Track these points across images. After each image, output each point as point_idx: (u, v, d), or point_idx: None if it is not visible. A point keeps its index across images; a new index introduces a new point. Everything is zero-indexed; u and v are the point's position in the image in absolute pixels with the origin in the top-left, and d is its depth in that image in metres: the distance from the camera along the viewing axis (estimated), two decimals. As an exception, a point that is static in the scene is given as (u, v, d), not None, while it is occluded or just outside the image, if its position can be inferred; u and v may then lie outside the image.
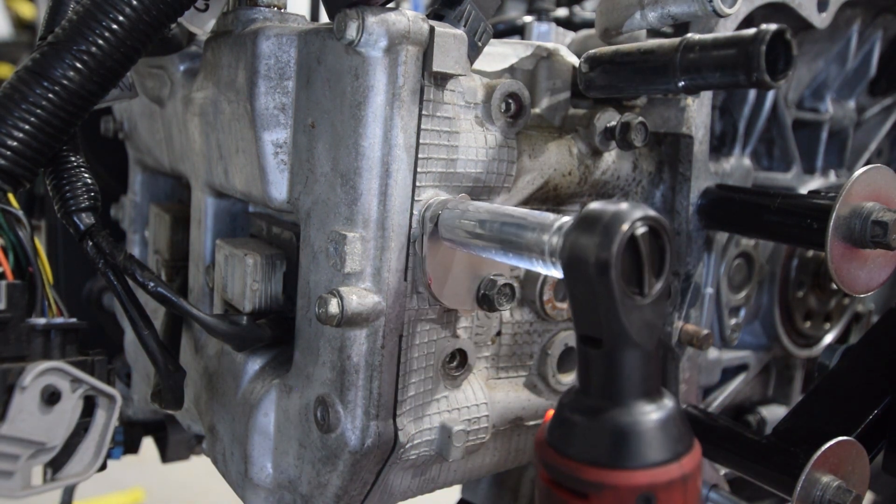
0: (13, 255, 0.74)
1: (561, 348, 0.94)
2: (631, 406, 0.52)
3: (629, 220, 0.50)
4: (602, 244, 0.50)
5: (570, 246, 0.52)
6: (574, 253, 0.52)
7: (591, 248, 0.50)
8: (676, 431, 0.53)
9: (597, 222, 0.51)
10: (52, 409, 0.72)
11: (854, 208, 0.83)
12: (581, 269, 0.51)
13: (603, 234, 0.50)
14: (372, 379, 0.77)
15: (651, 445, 0.51)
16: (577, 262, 0.51)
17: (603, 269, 0.50)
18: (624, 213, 0.50)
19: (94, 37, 0.75)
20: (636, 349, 0.52)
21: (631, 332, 0.51)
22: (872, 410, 0.89)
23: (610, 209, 0.51)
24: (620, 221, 0.50)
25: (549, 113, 0.95)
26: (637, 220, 0.50)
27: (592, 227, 0.51)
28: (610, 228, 0.50)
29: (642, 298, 0.51)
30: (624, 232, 0.50)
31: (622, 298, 0.50)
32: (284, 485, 0.87)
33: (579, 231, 0.52)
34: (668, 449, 0.52)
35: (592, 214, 0.52)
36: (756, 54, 0.72)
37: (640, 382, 0.52)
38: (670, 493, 0.51)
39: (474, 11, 0.79)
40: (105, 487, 3.02)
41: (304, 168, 0.82)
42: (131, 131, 1.26)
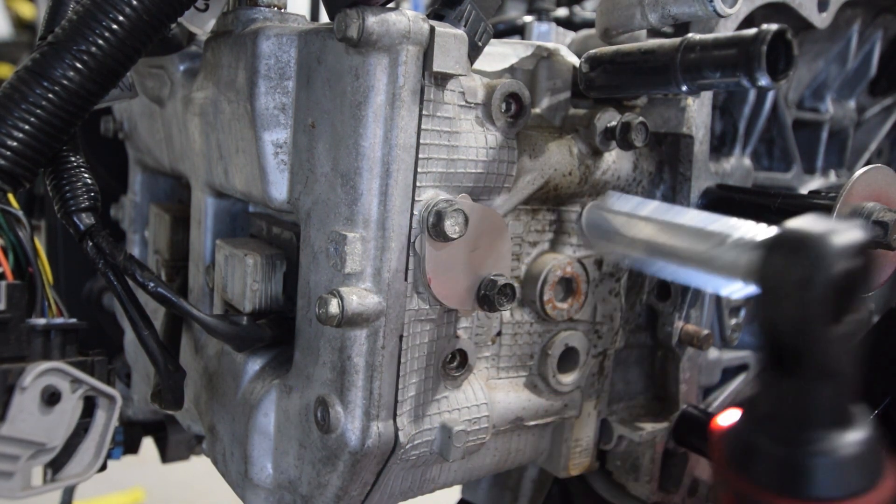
0: (13, 256, 0.74)
1: (561, 348, 0.94)
2: (825, 436, 0.49)
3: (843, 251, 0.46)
4: (811, 274, 0.46)
5: (774, 267, 0.49)
6: (779, 276, 0.48)
7: (799, 271, 0.47)
8: (873, 462, 0.50)
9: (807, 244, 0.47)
10: (52, 410, 0.72)
11: (854, 208, 0.83)
12: (786, 296, 0.48)
13: (813, 261, 0.46)
14: (372, 379, 0.77)
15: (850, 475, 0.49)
16: (782, 287, 0.48)
17: (810, 302, 0.46)
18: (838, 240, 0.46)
19: (94, 37, 0.75)
20: (834, 379, 0.49)
21: (831, 363, 0.48)
22: (872, 410, 0.89)
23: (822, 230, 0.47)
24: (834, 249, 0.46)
25: (550, 113, 0.95)
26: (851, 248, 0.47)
27: (801, 249, 0.47)
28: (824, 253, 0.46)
29: (843, 327, 0.48)
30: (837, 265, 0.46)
31: (824, 331, 0.47)
32: (284, 485, 0.87)
33: (786, 252, 0.48)
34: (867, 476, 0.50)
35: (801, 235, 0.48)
36: (757, 54, 0.72)
37: (836, 412, 0.50)
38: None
39: (474, 11, 0.79)
40: (105, 487, 3.02)
41: (305, 168, 0.81)
42: (131, 131, 1.26)
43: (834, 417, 0.50)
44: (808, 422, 0.50)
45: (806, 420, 0.50)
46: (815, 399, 0.49)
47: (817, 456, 0.49)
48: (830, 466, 0.49)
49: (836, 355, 0.48)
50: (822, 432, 0.49)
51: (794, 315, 0.47)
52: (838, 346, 0.48)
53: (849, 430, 0.50)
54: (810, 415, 0.50)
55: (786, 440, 0.50)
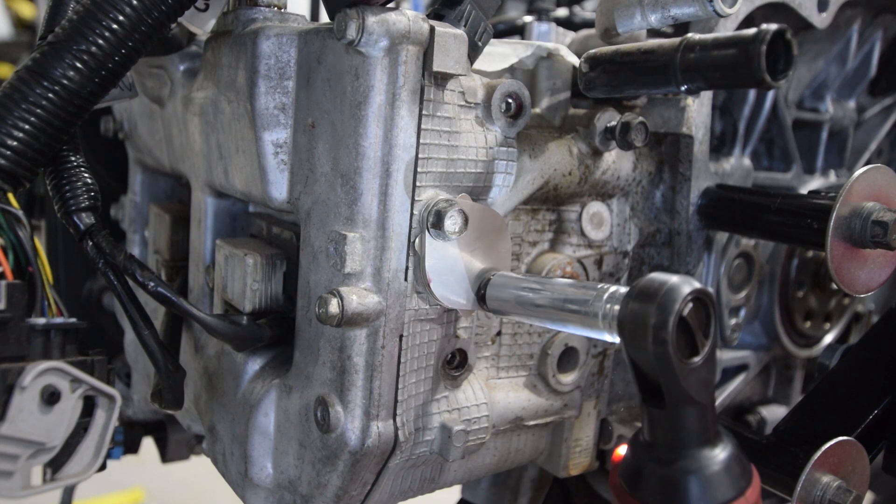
0: (13, 255, 0.74)
1: (561, 348, 0.94)
2: (696, 455, 0.58)
3: (682, 296, 0.55)
4: (660, 318, 0.55)
5: (628, 317, 0.57)
6: (633, 324, 0.57)
7: (649, 319, 0.55)
8: (738, 468, 0.59)
9: (655, 296, 0.56)
10: (51, 409, 0.72)
11: (854, 208, 0.83)
12: (641, 340, 0.56)
13: (660, 309, 0.55)
14: (372, 379, 0.77)
15: (718, 488, 0.58)
16: (636, 333, 0.56)
17: (661, 341, 0.55)
18: (679, 289, 0.55)
19: (94, 36, 0.75)
20: (696, 406, 0.57)
21: (690, 392, 0.56)
22: (872, 410, 0.89)
23: (665, 283, 0.56)
24: (676, 297, 0.55)
25: (550, 113, 0.95)
26: (689, 294, 0.55)
27: (650, 300, 0.56)
28: (667, 303, 0.55)
29: (695, 361, 0.57)
30: (678, 308, 0.55)
31: (679, 365, 0.55)
32: (284, 485, 0.87)
33: (637, 302, 0.57)
34: (733, 486, 0.58)
35: (650, 287, 0.57)
36: (756, 54, 0.72)
37: (702, 433, 0.58)
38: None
39: (474, 11, 0.79)
40: (105, 487, 3.02)
41: (305, 168, 0.81)
42: (131, 131, 1.26)
43: (700, 438, 0.58)
44: (678, 445, 0.59)
45: (676, 443, 0.59)
46: (681, 425, 0.58)
47: (689, 473, 0.58)
48: (702, 481, 0.58)
49: (692, 386, 0.56)
50: (692, 452, 0.58)
51: (650, 355, 0.55)
52: (693, 378, 0.56)
53: (715, 448, 0.59)
54: (679, 438, 0.59)
55: (663, 462, 0.59)
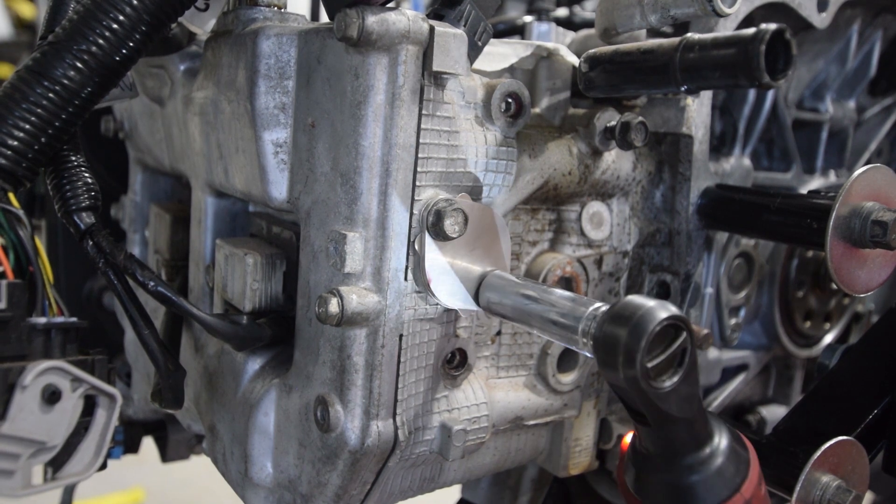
0: (14, 255, 0.74)
1: (561, 348, 0.94)
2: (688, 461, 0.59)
3: (653, 323, 0.54)
4: (629, 344, 0.54)
5: (601, 340, 0.57)
6: (605, 348, 0.57)
7: (619, 346, 0.55)
8: (733, 466, 0.60)
9: (627, 320, 0.55)
10: (52, 409, 0.72)
11: (854, 208, 0.83)
12: (612, 364, 0.56)
13: (630, 335, 0.54)
14: (372, 378, 0.78)
15: (712, 489, 0.59)
16: (608, 356, 0.56)
17: (630, 368, 0.55)
18: (649, 316, 0.55)
19: (94, 36, 0.75)
20: (679, 421, 0.58)
21: (670, 411, 0.57)
22: (872, 410, 0.89)
23: (638, 309, 0.55)
24: (646, 324, 0.54)
25: (549, 113, 0.95)
26: (661, 321, 0.55)
27: (622, 324, 0.55)
28: (637, 330, 0.54)
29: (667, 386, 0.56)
30: (649, 333, 0.54)
31: (650, 390, 0.55)
32: (284, 484, 0.87)
33: (610, 326, 0.56)
34: (728, 484, 0.59)
35: (622, 312, 0.56)
36: (756, 54, 0.72)
37: (691, 441, 0.59)
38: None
39: (474, 11, 0.79)
40: (105, 487, 3.02)
41: (304, 167, 0.82)
42: (131, 131, 1.26)
43: (691, 445, 0.59)
44: (672, 455, 0.60)
45: (669, 454, 0.60)
46: (669, 439, 0.59)
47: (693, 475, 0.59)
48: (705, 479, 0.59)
49: (673, 405, 0.57)
50: (687, 459, 0.59)
51: (624, 379, 0.55)
52: (673, 398, 0.56)
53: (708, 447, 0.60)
54: (671, 450, 0.60)
55: (665, 469, 0.61)
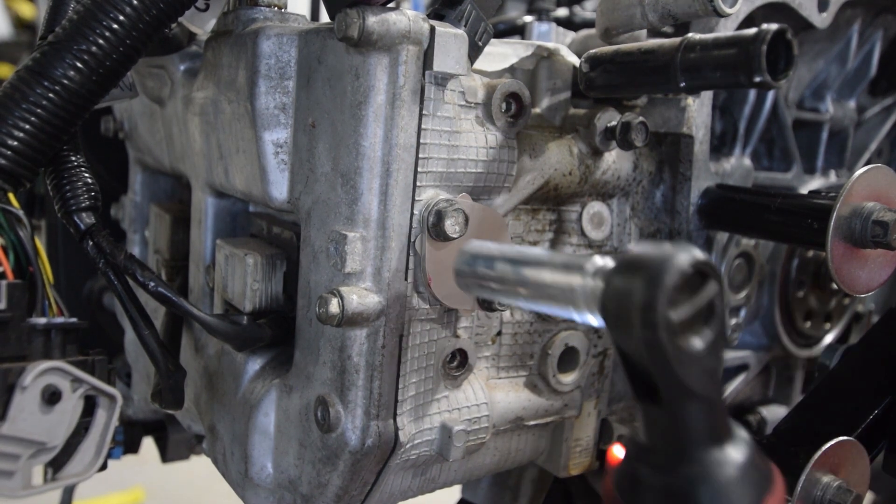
0: (14, 255, 0.74)
1: (561, 348, 0.94)
2: (702, 459, 0.47)
3: (675, 267, 0.45)
4: (647, 296, 0.44)
5: (611, 298, 0.47)
6: (616, 306, 0.46)
7: (634, 300, 0.45)
8: (756, 474, 0.48)
9: (640, 270, 0.45)
10: (52, 409, 0.72)
11: (854, 208, 0.83)
12: (626, 325, 0.46)
13: (648, 285, 0.44)
14: (372, 379, 0.77)
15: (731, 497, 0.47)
16: (621, 317, 0.46)
17: (650, 325, 0.44)
18: (669, 260, 0.45)
19: (94, 36, 0.75)
20: (698, 402, 0.47)
21: (690, 384, 0.46)
22: (872, 410, 0.89)
23: (654, 255, 0.45)
24: (666, 269, 0.44)
25: (550, 113, 0.95)
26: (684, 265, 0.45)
27: (635, 275, 0.45)
28: (655, 278, 0.44)
29: (696, 349, 0.46)
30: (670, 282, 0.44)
31: (675, 353, 0.45)
32: (284, 484, 0.87)
33: (621, 279, 0.46)
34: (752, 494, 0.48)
35: (635, 261, 0.46)
36: (757, 54, 0.72)
37: (709, 432, 0.48)
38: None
39: (475, 11, 0.79)
40: (105, 487, 3.02)
41: (305, 168, 0.82)
42: (131, 131, 1.26)
43: (707, 438, 0.48)
44: (682, 447, 0.48)
45: (679, 446, 0.48)
46: (683, 423, 0.48)
47: (696, 481, 0.47)
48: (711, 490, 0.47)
49: (693, 377, 0.46)
50: (698, 456, 0.48)
51: (641, 340, 0.45)
52: (694, 368, 0.46)
53: (725, 450, 0.48)
54: (682, 440, 0.48)
55: (664, 469, 0.49)
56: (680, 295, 0.45)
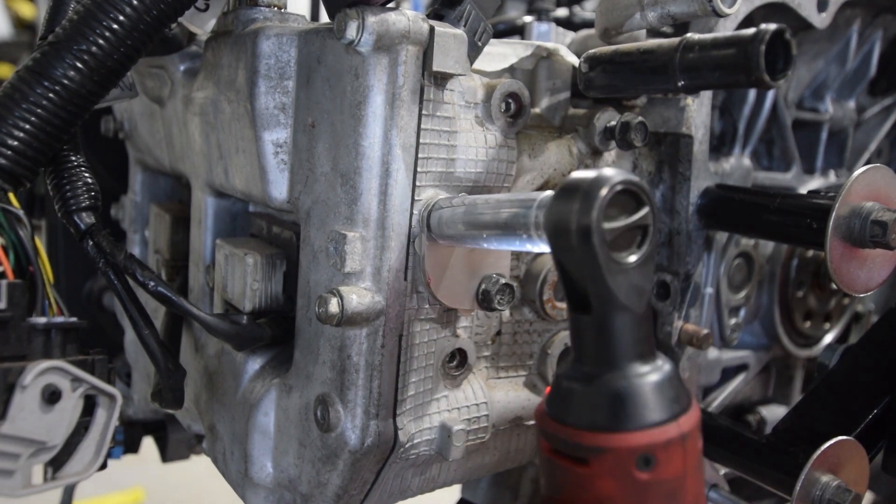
0: (14, 255, 0.74)
1: (561, 348, 0.94)
2: (625, 369, 0.52)
3: (608, 184, 0.50)
4: (582, 209, 0.50)
5: (552, 216, 0.52)
6: (556, 222, 0.52)
7: (572, 214, 0.50)
8: (673, 392, 0.53)
9: (576, 189, 0.51)
10: (52, 409, 0.72)
11: (854, 208, 0.83)
12: (564, 238, 0.51)
13: (583, 200, 0.50)
14: (372, 378, 0.78)
15: (647, 406, 0.51)
16: (560, 230, 0.51)
17: (585, 235, 0.50)
18: (602, 178, 0.50)
19: (94, 36, 0.75)
20: (625, 312, 0.52)
21: (619, 295, 0.51)
22: (872, 410, 0.89)
23: (589, 175, 0.51)
24: (599, 185, 0.50)
25: (549, 113, 0.95)
26: (616, 183, 0.50)
27: (572, 195, 0.51)
28: (589, 193, 0.50)
29: (627, 262, 0.51)
30: (603, 195, 0.50)
31: (606, 263, 0.50)
32: (284, 484, 0.87)
33: (560, 200, 0.52)
34: (665, 409, 0.52)
35: (572, 182, 0.52)
36: (755, 54, 0.72)
37: (633, 345, 0.52)
38: (669, 453, 0.51)
39: (474, 11, 0.79)
40: (105, 487, 3.02)
41: (304, 168, 0.82)
42: (131, 131, 1.26)
43: (631, 351, 0.52)
44: (607, 356, 0.52)
45: (605, 355, 0.52)
46: (610, 332, 0.52)
47: (616, 389, 0.52)
48: (629, 398, 0.51)
49: (622, 289, 0.51)
50: (620, 366, 0.52)
51: (577, 255, 0.50)
52: (624, 281, 0.51)
53: (646, 365, 0.52)
54: (608, 349, 0.52)
55: (590, 378, 0.53)
56: (613, 211, 0.50)
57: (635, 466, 0.51)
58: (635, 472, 0.51)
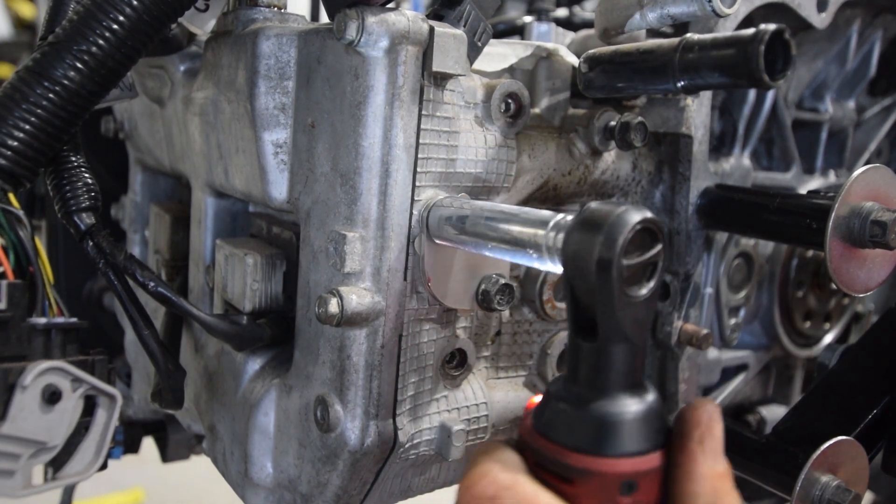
0: (14, 255, 0.74)
1: (560, 348, 0.94)
2: (617, 397, 0.54)
3: (632, 223, 0.52)
4: (606, 244, 0.52)
5: (573, 244, 0.54)
6: (576, 251, 0.54)
7: (594, 248, 0.52)
8: (658, 423, 0.55)
9: (601, 223, 0.53)
10: (52, 409, 0.72)
11: (853, 208, 0.83)
12: (583, 268, 0.53)
13: (607, 235, 0.52)
14: (371, 378, 0.78)
15: (634, 435, 0.54)
16: (580, 260, 0.53)
17: (605, 269, 0.52)
18: (627, 216, 0.53)
19: (94, 37, 0.75)
20: (627, 344, 0.54)
21: (625, 327, 0.53)
22: (872, 410, 0.89)
23: (614, 211, 0.53)
24: (624, 224, 0.52)
25: (549, 113, 0.95)
26: (639, 222, 0.52)
27: (597, 228, 0.53)
28: (614, 230, 0.52)
29: (637, 296, 0.54)
30: (627, 234, 0.52)
31: (620, 296, 0.52)
32: (284, 484, 0.87)
33: (583, 230, 0.54)
34: (650, 439, 0.54)
35: (596, 214, 0.54)
36: (755, 54, 0.72)
37: (627, 375, 0.55)
38: (651, 481, 0.54)
39: (474, 11, 0.79)
40: (105, 487, 3.02)
41: (304, 168, 0.82)
42: (131, 131, 1.26)
43: (624, 380, 0.55)
44: (603, 383, 0.55)
45: (600, 381, 0.55)
46: (609, 361, 0.54)
47: (606, 416, 0.54)
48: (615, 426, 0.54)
49: (628, 320, 0.53)
50: (614, 394, 0.54)
51: (592, 286, 0.53)
52: (629, 313, 0.53)
53: (636, 397, 0.55)
54: (604, 376, 0.55)
55: (581, 401, 0.55)
56: (631, 247, 0.53)
57: (619, 491, 0.53)
58: (618, 496, 0.53)
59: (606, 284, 0.52)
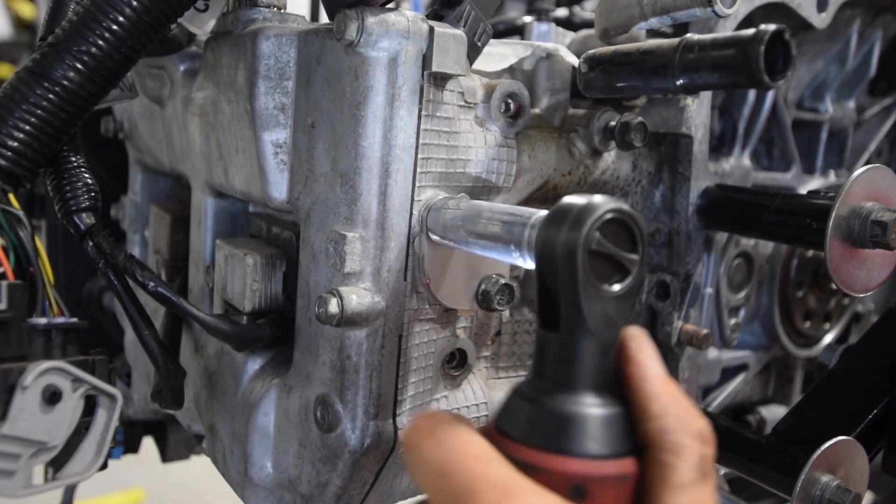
0: (14, 255, 0.74)
1: (560, 348, 0.94)
2: (578, 395, 0.51)
3: (600, 211, 0.50)
4: (569, 234, 0.51)
5: (540, 237, 0.53)
6: (544, 244, 0.52)
7: (559, 238, 0.51)
8: (621, 432, 0.51)
9: (567, 214, 0.52)
10: (53, 409, 0.72)
11: (853, 208, 0.83)
12: (550, 260, 0.52)
13: (574, 220, 0.51)
14: (371, 378, 0.78)
15: (590, 437, 0.50)
16: (547, 252, 0.52)
17: (569, 258, 0.50)
18: (595, 203, 0.51)
19: (94, 37, 0.75)
20: (591, 339, 0.52)
21: (588, 320, 0.51)
22: (872, 410, 0.89)
23: (580, 202, 0.52)
24: (591, 210, 0.51)
25: (549, 113, 0.95)
26: (609, 210, 0.51)
27: (562, 219, 0.52)
28: (581, 215, 0.51)
29: (606, 290, 0.52)
30: (593, 220, 0.50)
31: (584, 285, 0.51)
32: (284, 484, 0.87)
33: (550, 223, 0.53)
34: (609, 445, 0.50)
35: (563, 207, 0.52)
36: (755, 54, 0.72)
37: (591, 374, 0.52)
38: (604, 490, 0.49)
39: (474, 12, 0.79)
40: (105, 487, 3.02)
41: (304, 168, 0.82)
42: (131, 131, 1.26)
43: (590, 380, 0.52)
44: (566, 379, 0.52)
45: (564, 376, 0.52)
46: (571, 354, 0.52)
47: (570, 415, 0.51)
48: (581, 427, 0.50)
49: (594, 313, 0.51)
50: (579, 391, 0.52)
51: (557, 271, 0.51)
52: (597, 305, 0.51)
53: (604, 399, 0.52)
54: (566, 371, 0.52)
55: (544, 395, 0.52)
56: (604, 239, 0.51)
57: (568, 494, 0.49)
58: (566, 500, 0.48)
59: (569, 268, 0.50)
